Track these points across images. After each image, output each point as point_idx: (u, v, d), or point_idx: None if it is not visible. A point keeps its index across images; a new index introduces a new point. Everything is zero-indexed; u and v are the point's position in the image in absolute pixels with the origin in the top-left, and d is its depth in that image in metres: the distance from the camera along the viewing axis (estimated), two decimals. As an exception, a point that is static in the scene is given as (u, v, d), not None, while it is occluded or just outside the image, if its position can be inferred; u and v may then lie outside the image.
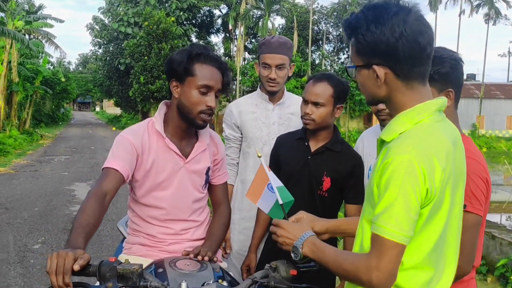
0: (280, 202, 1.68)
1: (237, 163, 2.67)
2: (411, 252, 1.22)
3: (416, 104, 1.26)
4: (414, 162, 1.16)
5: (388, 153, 1.20)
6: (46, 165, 13.04)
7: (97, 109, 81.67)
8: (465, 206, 1.43)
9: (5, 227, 6.34)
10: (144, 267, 1.44)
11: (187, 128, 1.90)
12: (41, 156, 15.59)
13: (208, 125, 1.93)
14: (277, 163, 2.31)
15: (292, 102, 2.63)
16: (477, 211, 1.57)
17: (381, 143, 1.32)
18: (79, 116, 58.99)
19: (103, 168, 1.77)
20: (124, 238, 2.44)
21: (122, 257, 1.81)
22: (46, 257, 1.34)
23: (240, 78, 32.61)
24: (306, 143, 2.26)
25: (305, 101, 2.20)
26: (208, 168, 1.98)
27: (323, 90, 2.16)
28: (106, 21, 35.01)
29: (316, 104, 2.16)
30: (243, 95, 33.01)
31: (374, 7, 1.25)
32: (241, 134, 2.64)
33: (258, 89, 2.67)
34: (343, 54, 43.75)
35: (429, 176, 1.17)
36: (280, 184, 1.73)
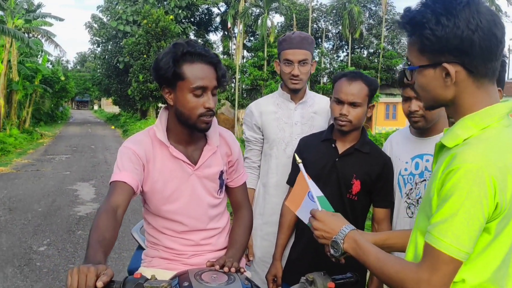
0: None
1: (259, 166, 2.57)
2: (477, 269, 1.13)
3: (484, 106, 1.15)
4: (484, 172, 1.06)
5: (454, 160, 1.10)
6: (47, 165, 12.92)
7: (95, 107, 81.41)
8: None
9: (9, 228, 6.25)
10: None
11: (191, 133, 1.77)
12: (42, 155, 15.45)
13: (212, 125, 1.77)
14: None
15: (315, 101, 2.53)
16: None
17: (440, 148, 1.22)
18: (77, 114, 58.79)
19: (110, 182, 1.65)
20: (139, 245, 2.35)
21: (143, 271, 1.71)
22: (53, 260, 1.24)
23: (239, 77, 32.46)
24: (333, 145, 2.17)
25: (340, 102, 2.09)
26: (222, 172, 1.86)
27: (359, 90, 2.07)
28: (105, 20, 34.83)
29: (353, 104, 2.07)
30: (242, 93, 32.93)
31: None
32: (262, 135, 2.54)
33: (279, 88, 2.57)
34: (342, 52, 43.69)
35: (500, 189, 1.07)
36: (320, 194, 1.62)
